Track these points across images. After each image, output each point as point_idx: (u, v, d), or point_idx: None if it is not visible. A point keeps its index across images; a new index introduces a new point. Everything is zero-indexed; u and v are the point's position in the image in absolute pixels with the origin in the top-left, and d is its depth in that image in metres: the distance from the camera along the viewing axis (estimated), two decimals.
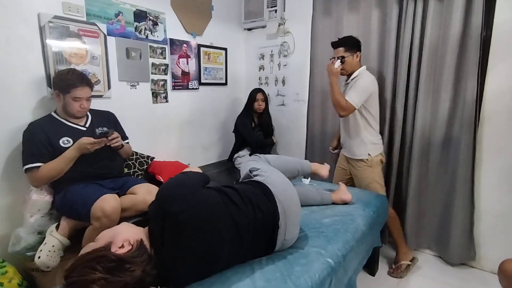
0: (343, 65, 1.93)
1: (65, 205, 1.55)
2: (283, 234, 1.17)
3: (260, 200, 1.14)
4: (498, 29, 1.81)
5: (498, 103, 1.87)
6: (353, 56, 1.94)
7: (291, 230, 1.19)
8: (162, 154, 2.42)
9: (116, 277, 0.78)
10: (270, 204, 1.15)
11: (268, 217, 1.13)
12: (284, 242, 1.20)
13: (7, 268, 1.46)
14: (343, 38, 1.98)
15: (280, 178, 1.30)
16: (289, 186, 1.28)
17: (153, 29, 2.27)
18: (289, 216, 1.17)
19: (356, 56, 1.95)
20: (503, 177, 1.91)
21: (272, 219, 1.14)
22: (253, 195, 1.15)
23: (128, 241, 0.89)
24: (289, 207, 1.18)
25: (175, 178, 1.09)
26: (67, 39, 1.81)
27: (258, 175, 1.31)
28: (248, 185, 1.24)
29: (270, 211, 1.14)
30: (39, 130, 1.57)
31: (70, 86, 1.58)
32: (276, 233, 1.15)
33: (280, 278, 1.04)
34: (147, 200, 1.62)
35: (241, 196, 1.12)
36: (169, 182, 1.05)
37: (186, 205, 0.95)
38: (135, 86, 2.23)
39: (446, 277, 1.97)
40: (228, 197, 1.10)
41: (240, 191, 1.15)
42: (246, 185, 1.24)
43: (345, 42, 1.95)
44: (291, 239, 1.22)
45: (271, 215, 1.14)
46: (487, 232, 2.00)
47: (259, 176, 1.29)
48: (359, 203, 1.71)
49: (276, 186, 1.22)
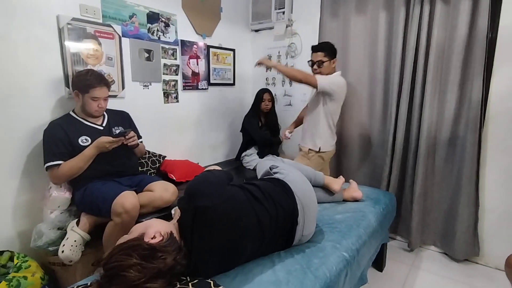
0: (321, 69, 2.10)
1: (85, 202, 1.60)
2: (301, 230, 1.22)
3: (281, 197, 1.20)
4: (503, 31, 1.87)
5: (503, 104, 1.93)
6: (330, 61, 2.10)
7: (309, 226, 1.24)
8: (172, 153, 2.47)
9: (150, 263, 0.83)
10: (290, 201, 1.21)
11: (288, 213, 1.18)
12: (301, 238, 1.25)
13: (29, 263, 1.51)
14: (324, 43, 2.16)
15: (299, 177, 1.35)
16: (307, 184, 1.34)
17: (165, 30, 2.32)
18: (307, 212, 1.22)
19: (333, 62, 2.12)
20: (507, 176, 1.96)
21: (292, 216, 1.19)
22: (274, 192, 1.20)
23: (159, 232, 0.94)
24: (307, 204, 1.24)
25: (202, 175, 1.13)
26: (84, 40, 1.86)
27: (278, 172, 1.36)
28: (269, 182, 1.28)
29: (290, 207, 1.19)
30: (59, 129, 1.62)
31: (89, 86, 1.63)
32: (294, 229, 1.20)
33: (300, 270, 1.09)
34: (164, 197, 1.68)
35: (263, 193, 1.17)
36: (196, 179, 1.09)
37: (215, 201, 1.00)
38: (148, 86, 2.28)
39: (451, 273, 2.02)
40: (251, 194, 1.15)
41: (262, 188, 1.20)
42: (267, 182, 1.29)
43: (325, 48, 2.10)
44: (308, 234, 1.27)
45: (290, 211, 1.19)
46: (491, 229, 2.06)
47: (279, 173, 1.34)
48: (369, 201, 1.77)
49: (295, 184, 1.27)
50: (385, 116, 2.35)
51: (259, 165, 1.59)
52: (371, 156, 2.47)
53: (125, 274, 0.78)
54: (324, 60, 2.08)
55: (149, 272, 0.81)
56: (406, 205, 2.30)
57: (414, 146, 2.21)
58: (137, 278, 0.78)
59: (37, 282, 1.47)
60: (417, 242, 2.24)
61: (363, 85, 2.43)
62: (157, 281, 0.82)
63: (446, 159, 2.12)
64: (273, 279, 1.04)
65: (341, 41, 2.47)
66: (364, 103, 2.44)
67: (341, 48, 2.48)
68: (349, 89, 2.47)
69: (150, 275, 0.80)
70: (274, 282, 1.02)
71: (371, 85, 2.40)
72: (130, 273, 0.78)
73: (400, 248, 2.31)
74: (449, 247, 2.16)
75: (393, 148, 2.29)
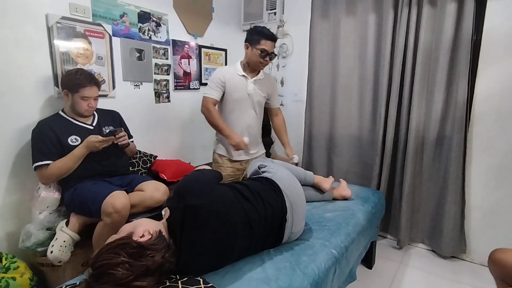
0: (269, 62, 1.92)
1: (75, 202, 1.59)
2: (290, 227, 1.24)
3: (269, 195, 1.21)
4: (487, 34, 1.92)
5: (487, 104, 1.98)
6: None
7: (298, 223, 1.26)
8: (164, 152, 2.47)
9: (138, 261, 0.83)
10: (278, 199, 1.22)
11: (276, 211, 1.20)
12: (291, 235, 1.27)
13: (18, 263, 1.49)
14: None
15: (286, 175, 1.37)
16: (295, 182, 1.36)
17: (156, 30, 2.32)
18: (295, 210, 1.24)
19: None
20: (491, 175, 2.02)
21: (280, 213, 1.21)
22: (262, 190, 1.22)
23: (148, 231, 0.95)
24: (295, 201, 1.26)
25: (191, 175, 1.14)
26: (74, 39, 1.84)
27: (266, 171, 1.37)
28: (257, 181, 1.30)
29: (279, 205, 1.21)
30: (48, 129, 1.60)
31: (79, 85, 1.62)
32: (284, 226, 1.22)
33: (289, 267, 1.11)
34: (155, 196, 1.68)
35: (252, 191, 1.19)
36: (186, 179, 1.11)
37: (205, 199, 1.01)
38: (139, 86, 2.27)
39: (438, 269, 2.07)
40: (240, 192, 1.16)
41: (250, 187, 1.21)
42: (255, 181, 1.31)
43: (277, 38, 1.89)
44: (297, 232, 1.29)
45: (279, 209, 1.21)
46: (477, 227, 2.11)
47: (267, 172, 1.36)
48: (358, 199, 1.80)
49: (283, 181, 1.29)
50: (375, 116, 2.39)
51: (249, 166, 1.61)
52: (361, 156, 2.51)
53: (112, 272, 0.78)
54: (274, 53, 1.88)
55: (137, 270, 0.81)
56: (395, 203, 2.34)
57: (403, 146, 2.25)
58: (125, 276, 0.78)
59: (26, 283, 1.45)
60: (406, 239, 2.28)
61: (353, 85, 2.46)
62: (146, 279, 0.82)
63: (434, 158, 2.17)
64: (263, 276, 1.06)
65: (331, 42, 2.51)
66: (354, 103, 2.48)
67: (332, 49, 2.52)
68: (339, 89, 2.53)
69: (138, 273, 0.81)
70: (263, 280, 1.04)
71: (360, 85, 2.43)
72: (118, 271, 0.78)
73: (389, 246, 2.35)
74: (436, 244, 2.21)
75: (382, 147, 2.34)
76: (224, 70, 1.92)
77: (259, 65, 1.88)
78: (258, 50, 1.81)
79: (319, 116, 2.67)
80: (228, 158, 2.02)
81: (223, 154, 2.02)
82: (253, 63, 1.88)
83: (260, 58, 1.83)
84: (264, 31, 1.82)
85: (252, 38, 1.84)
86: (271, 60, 1.90)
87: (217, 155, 2.06)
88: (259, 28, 1.84)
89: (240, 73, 1.91)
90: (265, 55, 1.82)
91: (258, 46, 1.81)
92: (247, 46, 1.87)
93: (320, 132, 2.69)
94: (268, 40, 1.81)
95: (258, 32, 1.82)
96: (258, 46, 1.81)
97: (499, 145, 1.97)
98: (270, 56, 1.85)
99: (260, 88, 1.96)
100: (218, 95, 1.89)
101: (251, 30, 1.86)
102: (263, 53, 1.81)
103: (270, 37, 1.82)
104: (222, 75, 1.87)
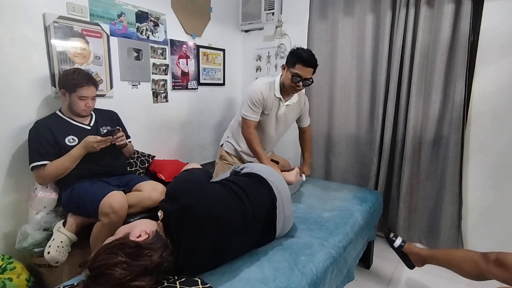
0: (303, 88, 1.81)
1: (72, 202, 1.59)
2: (282, 212, 1.26)
3: (258, 188, 1.24)
4: (484, 34, 1.93)
5: (484, 105, 1.99)
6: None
7: (288, 206, 1.29)
8: (162, 152, 2.46)
9: (136, 261, 0.83)
10: (266, 188, 1.25)
11: (267, 201, 1.22)
12: (284, 221, 1.28)
13: (15, 264, 1.48)
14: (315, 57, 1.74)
15: (263, 166, 1.43)
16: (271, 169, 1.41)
17: (154, 30, 2.31)
18: (283, 194, 1.28)
19: None
20: (488, 175, 2.03)
21: (271, 201, 1.23)
22: (250, 184, 1.24)
23: (145, 231, 0.95)
24: (281, 186, 1.30)
25: (181, 175, 1.15)
26: (71, 39, 1.83)
27: (244, 168, 1.40)
28: (242, 177, 1.32)
29: (268, 194, 1.23)
30: (45, 129, 1.60)
31: (76, 85, 1.61)
32: (276, 212, 1.23)
33: (287, 267, 1.11)
34: (153, 197, 1.68)
35: (241, 187, 1.20)
36: (176, 180, 1.11)
37: (198, 199, 1.01)
38: (136, 85, 2.26)
39: (435, 269, 2.06)
40: (231, 189, 1.17)
41: (239, 183, 1.22)
42: (240, 177, 1.32)
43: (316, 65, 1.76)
44: (289, 215, 1.30)
45: (269, 198, 1.23)
46: (474, 226, 2.12)
47: (245, 168, 1.39)
48: (356, 199, 1.80)
49: (263, 171, 1.33)
50: (373, 117, 2.40)
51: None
52: (359, 156, 2.51)
53: (110, 272, 0.78)
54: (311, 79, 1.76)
55: (135, 269, 0.81)
56: (393, 203, 2.35)
57: (400, 146, 2.26)
58: (122, 276, 0.78)
59: (23, 283, 1.45)
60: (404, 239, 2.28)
61: (350, 86, 2.47)
62: (144, 279, 0.82)
63: (431, 158, 2.18)
64: (261, 276, 1.06)
65: (329, 43, 2.51)
66: (352, 103, 2.48)
67: (330, 49, 2.52)
68: (337, 89, 2.53)
69: (136, 273, 0.80)
70: (261, 280, 1.04)
71: (358, 86, 2.44)
72: (115, 271, 0.78)
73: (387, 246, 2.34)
74: (434, 244, 2.21)
75: (380, 147, 2.34)
76: (263, 89, 1.80)
77: (291, 89, 1.77)
78: (291, 73, 1.71)
79: (317, 116, 2.67)
80: (238, 157, 2.03)
81: (232, 153, 2.03)
82: (286, 86, 1.78)
83: (291, 82, 1.72)
84: (303, 56, 1.68)
85: (289, 60, 1.74)
86: (304, 87, 1.78)
87: (225, 153, 2.05)
88: (299, 51, 1.71)
89: (277, 95, 1.83)
90: (299, 80, 1.70)
91: (292, 70, 1.71)
92: (284, 67, 1.79)
93: (318, 132, 2.69)
94: (305, 66, 1.68)
95: (296, 55, 1.70)
96: (292, 70, 1.71)
97: (496, 145, 1.98)
98: (304, 82, 1.73)
99: (291, 111, 1.96)
100: (258, 117, 1.85)
101: (291, 52, 1.75)
102: (295, 77, 1.70)
103: (307, 63, 1.68)
104: (262, 96, 1.79)
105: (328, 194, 1.90)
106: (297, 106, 2.00)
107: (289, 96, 1.89)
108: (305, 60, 1.68)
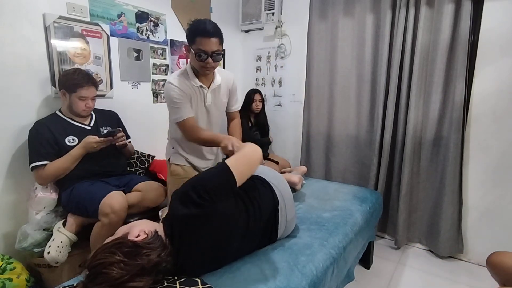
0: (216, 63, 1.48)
1: (72, 202, 1.59)
2: (284, 215, 1.25)
3: (261, 191, 1.23)
4: (484, 35, 1.93)
5: (484, 105, 1.99)
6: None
7: (290, 211, 1.28)
8: (162, 153, 2.44)
9: (133, 260, 0.83)
10: (268, 191, 1.24)
11: (270, 204, 1.21)
12: (286, 225, 1.27)
13: (14, 264, 1.48)
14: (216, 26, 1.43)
15: (263, 167, 1.39)
16: (274, 171, 1.40)
17: (154, 30, 2.31)
18: (285, 197, 1.27)
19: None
20: (488, 175, 2.03)
21: (273, 204, 1.22)
22: (253, 187, 1.23)
23: (144, 231, 0.94)
24: (284, 189, 1.29)
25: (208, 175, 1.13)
26: (71, 39, 1.83)
27: None
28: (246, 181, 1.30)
29: (270, 197, 1.23)
30: (45, 129, 1.60)
31: (76, 85, 1.61)
32: (277, 216, 1.23)
33: (287, 267, 1.11)
34: (152, 197, 1.68)
35: (245, 191, 1.19)
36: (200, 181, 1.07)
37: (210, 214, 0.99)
38: (137, 86, 2.26)
39: (435, 269, 2.08)
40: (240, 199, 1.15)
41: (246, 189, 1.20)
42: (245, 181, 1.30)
43: (220, 33, 1.44)
44: (291, 219, 1.30)
45: (271, 200, 1.22)
46: (474, 226, 2.12)
47: None
48: (356, 199, 1.80)
49: (265, 174, 1.32)
50: (373, 117, 2.40)
51: None
52: (359, 156, 2.51)
53: (107, 271, 0.77)
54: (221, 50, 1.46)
55: (132, 269, 0.81)
56: (393, 203, 2.35)
57: (400, 146, 2.26)
58: (119, 275, 0.77)
59: (23, 284, 1.45)
60: (403, 239, 2.29)
61: (350, 86, 2.47)
62: (142, 279, 0.81)
63: (431, 159, 2.18)
64: (260, 277, 1.05)
65: (329, 43, 2.52)
66: (352, 103, 2.48)
67: (330, 50, 2.52)
68: (337, 90, 2.53)
69: (133, 273, 0.80)
70: (261, 280, 1.04)
71: (358, 86, 2.44)
72: (112, 271, 0.77)
73: (387, 246, 2.36)
74: (434, 244, 2.21)
75: (380, 148, 2.34)
76: (176, 82, 1.50)
77: (202, 70, 1.47)
78: (194, 51, 1.41)
79: (317, 116, 2.68)
80: (190, 165, 1.71)
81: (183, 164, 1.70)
82: (197, 67, 1.48)
83: (199, 61, 1.42)
84: (199, 27, 1.38)
85: (188, 37, 1.44)
86: (216, 62, 1.46)
87: (175, 166, 1.70)
88: (195, 23, 1.41)
89: (196, 83, 1.53)
90: (206, 56, 1.40)
91: (194, 47, 1.41)
92: (186, 48, 1.48)
93: (318, 132, 2.70)
94: (205, 37, 1.37)
95: (193, 29, 1.40)
96: (194, 47, 1.41)
97: (496, 145, 1.98)
98: (213, 57, 1.42)
99: (218, 95, 1.65)
100: (191, 110, 1.54)
101: (187, 28, 1.44)
102: (199, 53, 1.40)
103: (207, 33, 1.37)
104: (178, 88, 1.49)
105: (328, 194, 1.90)
106: (224, 88, 1.67)
107: (209, 80, 1.59)
108: (204, 30, 1.37)
